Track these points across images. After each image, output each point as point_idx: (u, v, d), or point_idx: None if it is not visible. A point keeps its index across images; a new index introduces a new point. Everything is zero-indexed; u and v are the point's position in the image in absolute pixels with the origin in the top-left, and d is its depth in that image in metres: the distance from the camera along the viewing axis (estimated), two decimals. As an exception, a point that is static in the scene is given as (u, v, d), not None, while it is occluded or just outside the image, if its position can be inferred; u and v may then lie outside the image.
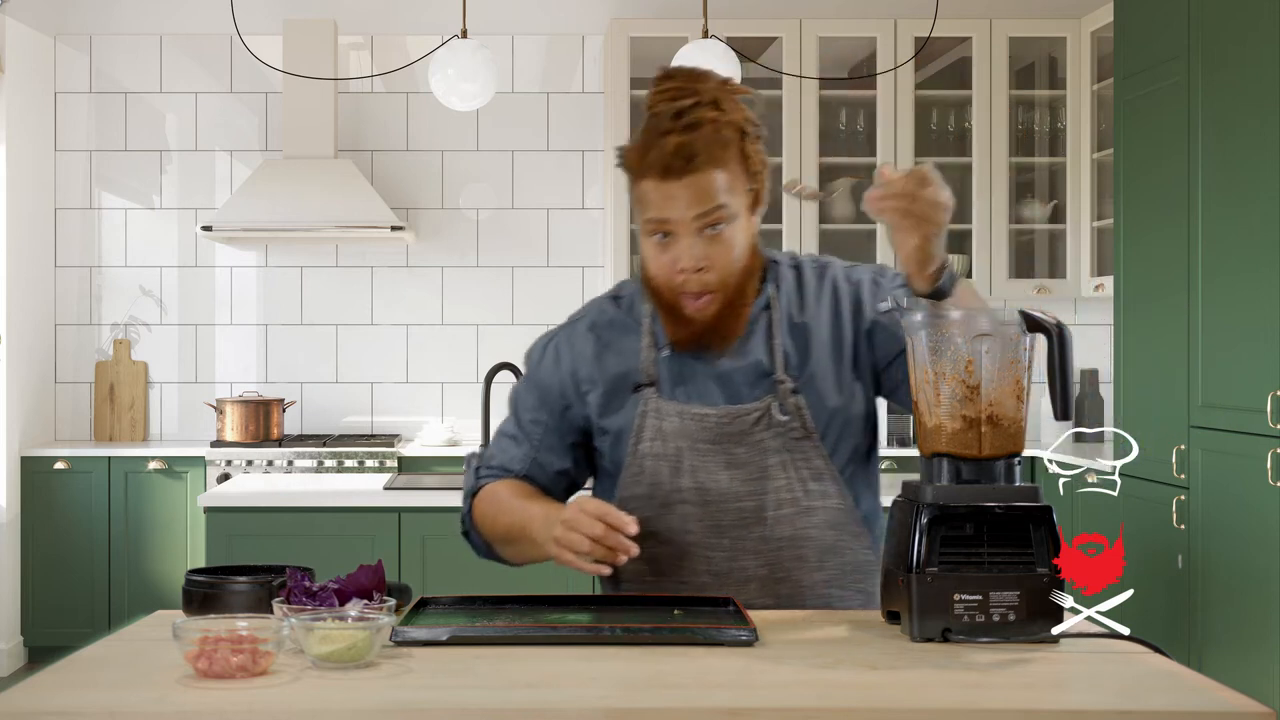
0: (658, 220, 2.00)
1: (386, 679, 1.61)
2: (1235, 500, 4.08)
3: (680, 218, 1.98)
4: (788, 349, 2.09)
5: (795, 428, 2.06)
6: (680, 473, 2.08)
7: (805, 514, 2.07)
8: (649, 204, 2.00)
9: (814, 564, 2.09)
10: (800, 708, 1.49)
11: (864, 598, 2.14)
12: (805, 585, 2.08)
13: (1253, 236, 3.99)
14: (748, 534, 2.07)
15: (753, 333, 2.10)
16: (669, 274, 2.02)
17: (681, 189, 1.97)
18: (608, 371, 2.13)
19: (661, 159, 1.96)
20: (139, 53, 6.21)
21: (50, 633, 5.67)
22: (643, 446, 2.09)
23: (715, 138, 1.97)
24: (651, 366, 2.10)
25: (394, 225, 5.70)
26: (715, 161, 1.98)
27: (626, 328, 2.15)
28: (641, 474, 2.10)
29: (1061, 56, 5.97)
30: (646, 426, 2.09)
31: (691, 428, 2.07)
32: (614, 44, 5.81)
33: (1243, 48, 4.06)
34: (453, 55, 4.29)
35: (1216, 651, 4.20)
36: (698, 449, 2.07)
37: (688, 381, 2.09)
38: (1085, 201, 5.82)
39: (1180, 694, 1.56)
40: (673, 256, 2.01)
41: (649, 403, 2.09)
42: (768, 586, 2.08)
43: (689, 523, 2.08)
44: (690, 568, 2.09)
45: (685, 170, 1.96)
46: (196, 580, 1.93)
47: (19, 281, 5.79)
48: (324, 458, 5.68)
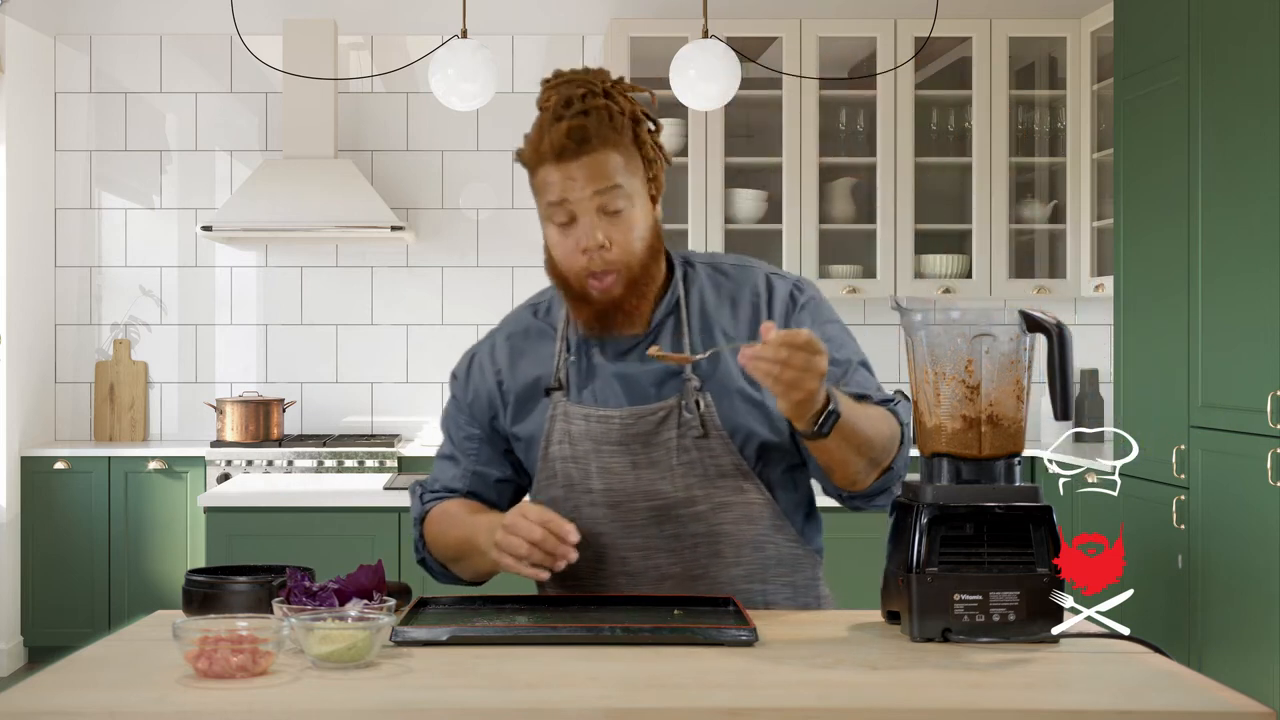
0: (557, 201, 2.02)
1: (386, 679, 1.61)
2: (1235, 500, 4.09)
3: (579, 197, 2.01)
4: (697, 348, 2.09)
5: (697, 426, 2.06)
6: (589, 475, 2.09)
7: (717, 510, 2.08)
8: (548, 188, 2.03)
9: (730, 559, 2.09)
10: (800, 708, 1.49)
11: (792, 590, 2.15)
12: (723, 581, 2.09)
13: (1253, 236, 3.99)
14: (659, 532, 2.08)
15: (660, 334, 2.11)
16: (573, 256, 2.04)
17: (578, 169, 2.00)
18: (522, 378, 2.16)
19: (556, 142, 2.00)
20: (139, 53, 6.21)
21: (50, 633, 5.67)
22: (552, 450, 2.12)
23: (607, 122, 2.01)
24: (562, 370, 2.13)
25: (394, 225, 5.70)
26: (609, 143, 2.01)
27: (543, 334, 2.18)
28: (554, 477, 2.12)
29: (1061, 56, 5.97)
30: (555, 430, 2.11)
31: (597, 430, 2.09)
32: (614, 44, 5.81)
33: (1243, 48, 4.06)
34: (453, 55, 4.29)
35: (1216, 651, 4.20)
36: (604, 450, 2.08)
37: (595, 384, 2.11)
38: (1085, 201, 5.82)
39: (1180, 694, 1.56)
40: (575, 239, 2.03)
41: (558, 406, 2.11)
42: (684, 584, 2.09)
43: (600, 524, 2.10)
44: (607, 570, 2.10)
45: (580, 151, 2.00)
46: (196, 580, 1.94)
47: (19, 281, 5.79)
48: (324, 458, 5.68)
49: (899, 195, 5.83)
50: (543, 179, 2.03)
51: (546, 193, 2.03)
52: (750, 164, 5.96)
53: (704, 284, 2.15)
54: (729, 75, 4.38)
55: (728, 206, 5.86)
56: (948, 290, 5.85)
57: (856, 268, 5.91)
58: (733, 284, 2.15)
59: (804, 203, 5.81)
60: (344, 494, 4.16)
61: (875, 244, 5.88)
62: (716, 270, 2.17)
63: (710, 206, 5.80)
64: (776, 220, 5.87)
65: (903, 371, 6.16)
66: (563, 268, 2.06)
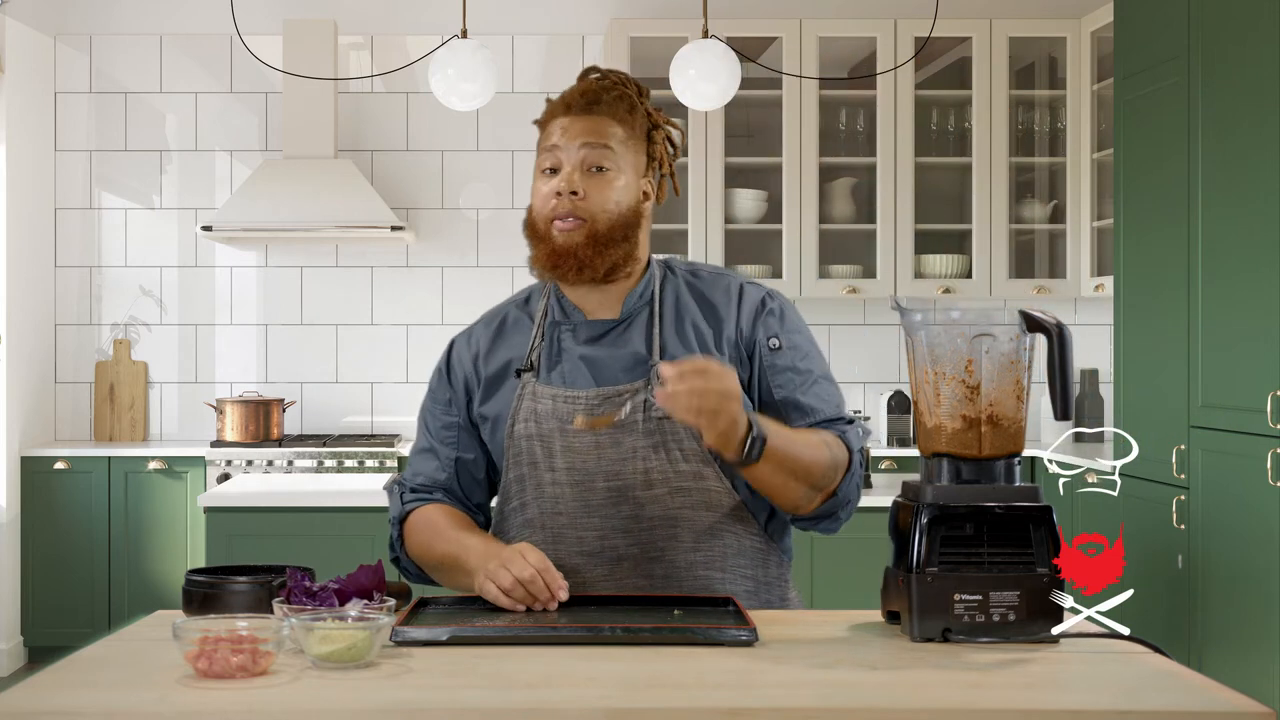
0: (549, 148, 2.13)
1: (386, 679, 1.61)
2: (1235, 500, 4.09)
3: (568, 145, 2.11)
4: (666, 342, 2.14)
5: (659, 408, 2.06)
6: (553, 453, 2.12)
7: (677, 494, 2.10)
8: (546, 137, 2.15)
9: (689, 545, 2.11)
10: (800, 708, 1.49)
11: (753, 584, 2.16)
12: (680, 566, 2.10)
13: (1253, 236, 3.99)
14: (616, 513, 2.10)
15: (632, 324, 2.16)
16: (546, 200, 2.12)
17: (578, 122, 2.12)
18: (495, 362, 2.22)
19: (568, 96, 2.15)
20: (139, 53, 6.21)
21: (50, 633, 5.67)
22: (518, 428, 2.15)
23: (622, 102, 2.14)
24: (535, 354, 2.18)
25: (394, 225, 5.70)
26: (615, 115, 2.14)
27: (519, 323, 2.25)
28: (520, 455, 2.15)
29: (1061, 56, 5.97)
30: (522, 409, 2.15)
31: (563, 409, 2.12)
32: (614, 44, 5.81)
33: (1243, 48, 4.06)
34: (453, 55, 4.29)
35: (1216, 651, 4.20)
36: (569, 430, 2.11)
37: (563, 366, 2.16)
38: (1085, 201, 5.82)
39: (1180, 694, 1.57)
40: (553, 186, 2.12)
41: (526, 386, 2.16)
42: (641, 566, 2.10)
43: (560, 504, 2.12)
44: (565, 550, 2.12)
45: (586, 110, 2.13)
46: (196, 580, 1.94)
47: (19, 281, 5.79)
48: (324, 458, 5.68)
49: (899, 195, 5.83)
50: (546, 132, 2.15)
51: (543, 142, 2.15)
52: (750, 164, 5.96)
53: (679, 284, 2.22)
54: (729, 75, 4.38)
55: (728, 206, 5.87)
56: (948, 290, 5.85)
57: (856, 268, 5.91)
58: (706, 284, 2.22)
59: (804, 203, 5.81)
60: (344, 494, 4.16)
61: (875, 244, 5.88)
62: (693, 274, 2.24)
63: (710, 206, 5.80)
64: (776, 220, 5.87)
65: (903, 371, 6.17)
66: (535, 213, 2.15)
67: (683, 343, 2.14)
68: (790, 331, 2.18)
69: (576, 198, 2.09)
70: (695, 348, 2.14)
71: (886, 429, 5.93)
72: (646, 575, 2.10)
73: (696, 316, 2.17)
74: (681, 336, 2.15)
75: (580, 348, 2.16)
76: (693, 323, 2.16)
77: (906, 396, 5.92)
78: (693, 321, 2.16)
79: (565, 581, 1.95)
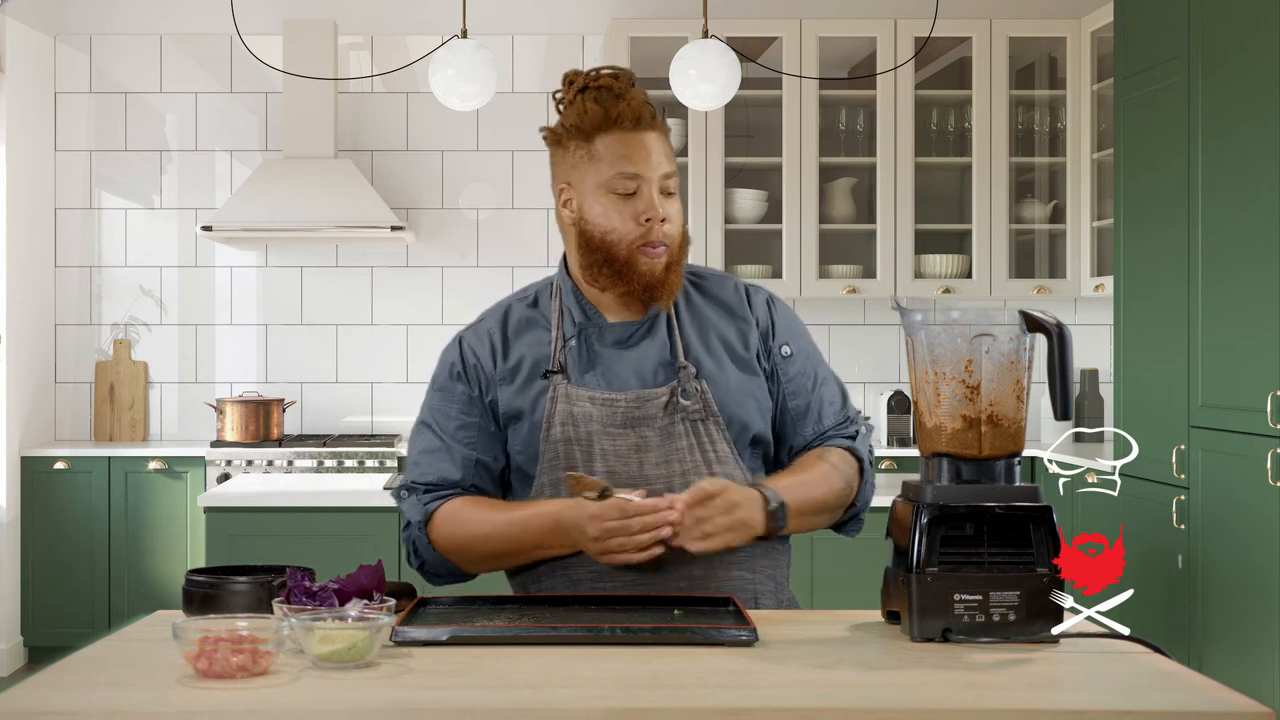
0: (630, 174, 2.08)
1: (386, 679, 1.61)
2: (1235, 500, 4.09)
3: (651, 174, 2.08)
4: (690, 343, 2.16)
5: (698, 409, 2.11)
6: (592, 457, 2.11)
7: None
8: (613, 158, 2.08)
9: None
10: (800, 708, 1.49)
11: (774, 584, 2.18)
12: (717, 565, 2.10)
13: (1253, 236, 3.99)
14: None
15: (654, 326, 2.17)
16: (632, 224, 2.09)
17: (655, 140, 2.10)
18: (517, 359, 2.19)
19: (633, 110, 2.08)
20: (139, 53, 6.21)
21: (50, 633, 5.67)
22: (554, 432, 2.13)
23: (661, 117, 2.15)
24: (561, 355, 2.16)
25: (394, 225, 5.70)
26: (665, 132, 2.14)
27: (534, 322, 2.22)
28: (557, 459, 2.13)
29: (1061, 56, 5.97)
30: (558, 412, 2.13)
31: (602, 412, 2.11)
32: (614, 44, 5.80)
33: (1243, 48, 4.06)
34: (453, 55, 4.29)
35: (1216, 651, 4.20)
36: (609, 433, 2.11)
37: (598, 369, 2.15)
38: (1085, 201, 5.82)
39: (1180, 694, 1.57)
40: (637, 209, 2.08)
41: (559, 389, 2.14)
42: (681, 568, 2.10)
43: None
44: None
45: (654, 124, 2.10)
46: (196, 580, 1.93)
47: (19, 281, 5.79)
48: (324, 458, 5.68)
49: (899, 195, 5.83)
50: (605, 147, 2.08)
51: (612, 160, 2.08)
52: (750, 164, 5.96)
53: (687, 287, 2.24)
54: (729, 75, 4.38)
55: (728, 206, 5.86)
56: (948, 290, 5.85)
57: (856, 268, 5.91)
58: (713, 285, 2.25)
59: (804, 203, 5.81)
60: (344, 494, 4.16)
61: (875, 244, 5.88)
62: (696, 275, 2.27)
63: (710, 206, 5.79)
64: (776, 220, 5.87)
65: (903, 371, 6.16)
66: (613, 236, 2.10)
67: (703, 342, 2.17)
68: (796, 335, 2.24)
69: (665, 223, 2.10)
70: (718, 346, 2.17)
71: (886, 429, 5.93)
72: (686, 577, 2.10)
73: (714, 316, 2.20)
74: (703, 336, 2.18)
75: (611, 350, 2.16)
76: (711, 322, 2.20)
77: (906, 396, 5.92)
78: (711, 321, 2.20)
79: (641, 499, 1.98)
